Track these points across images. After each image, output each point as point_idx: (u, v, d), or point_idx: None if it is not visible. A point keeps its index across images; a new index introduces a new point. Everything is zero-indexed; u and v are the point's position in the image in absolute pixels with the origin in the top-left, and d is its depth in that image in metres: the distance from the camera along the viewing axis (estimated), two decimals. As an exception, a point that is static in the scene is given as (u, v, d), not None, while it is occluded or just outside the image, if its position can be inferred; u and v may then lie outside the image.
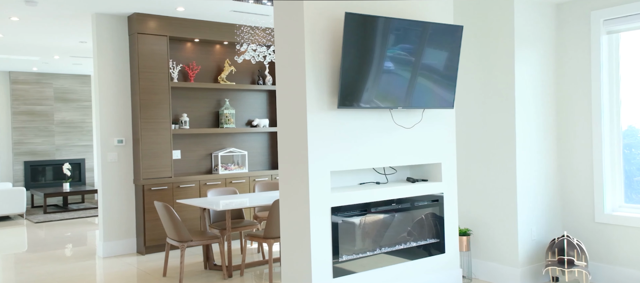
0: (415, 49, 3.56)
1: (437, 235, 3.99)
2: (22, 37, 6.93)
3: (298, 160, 3.41)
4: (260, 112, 6.91)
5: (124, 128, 5.87)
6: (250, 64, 6.78)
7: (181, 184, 5.96)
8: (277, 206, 4.45)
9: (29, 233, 7.38)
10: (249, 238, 4.64)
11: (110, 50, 5.79)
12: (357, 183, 3.87)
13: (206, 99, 6.47)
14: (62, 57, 8.50)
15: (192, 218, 6.04)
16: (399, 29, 3.45)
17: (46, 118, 10.35)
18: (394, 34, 3.45)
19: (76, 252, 6.07)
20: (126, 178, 5.88)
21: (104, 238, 5.74)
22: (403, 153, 3.79)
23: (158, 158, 5.83)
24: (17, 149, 10.05)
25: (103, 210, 5.75)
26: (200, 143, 6.42)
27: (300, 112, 3.38)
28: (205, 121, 6.47)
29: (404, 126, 3.78)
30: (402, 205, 3.80)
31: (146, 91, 5.76)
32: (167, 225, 4.55)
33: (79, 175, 10.66)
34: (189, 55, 6.33)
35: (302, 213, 3.39)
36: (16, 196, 8.54)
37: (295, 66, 3.40)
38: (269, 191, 5.77)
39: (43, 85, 10.35)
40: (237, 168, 6.48)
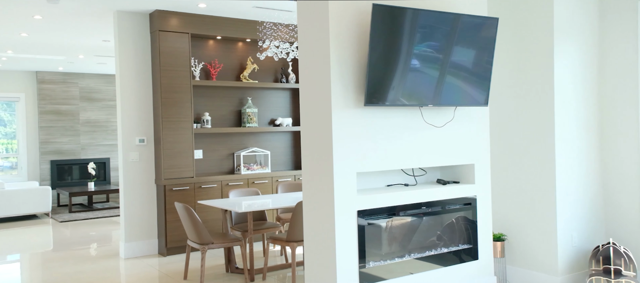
0: (446, 42, 3.34)
1: (470, 241, 3.76)
2: (47, 36, 6.94)
3: (322, 160, 3.23)
4: (284, 111, 6.76)
5: (145, 127, 5.79)
6: (273, 62, 6.63)
7: (203, 184, 5.85)
8: (300, 208, 4.28)
9: (54, 232, 7.39)
10: (272, 241, 4.48)
11: (132, 48, 5.71)
12: (384, 185, 3.67)
13: (228, 98, 6.35)
14: (87, 56, 8.51)
15: (214, 220, 5.92)
16: (430, 22, 3.24)
17: (72, 117, 10.42)
18: (425, 27, 3.23)
19: (99, 252, 6.02)
20: (148, 178, 5.80)
21: (126, 239, 5.66)
22: (433, 153, 3.57)
23: (179, 157, 5.73)
24: (44, 148, 10.15)
25: (124, 211, 5.68)
26: (222, 142, 6.31)
27: (324, 110, 3.20)
28: (227, 120, 6.35)
29: (434, 124, 3.56)
30: (432, 208, 3.58)
31: (168, 89, 5.66)
32: (188, 226, 4.42)
33: (104, 174, 10.71)
34: (210, 53, 6.22)
35: (327, 216, 3.21)
36: (42, 195, 8.59)
37: (319, 61, 3.22)
38: (292, 193, 5.61)
39: (69, 85, 10.42)
40: (260, 168, 6.34)
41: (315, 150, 3.30)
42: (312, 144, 3.32)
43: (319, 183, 3.27)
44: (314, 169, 3.30)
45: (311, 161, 3.33)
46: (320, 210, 3.27)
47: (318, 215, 3.29)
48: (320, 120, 3.24)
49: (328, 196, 3.19)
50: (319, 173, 3.26)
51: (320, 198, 3.26)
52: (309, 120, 3.35)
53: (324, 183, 3.22)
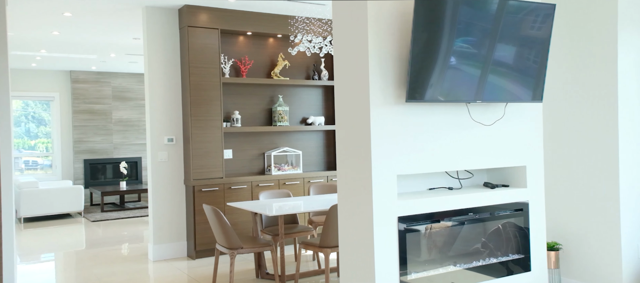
0: (496, 32, 3.02)
1: (521, 250, 3.42)
2: (78, 35, 6.89)
3: (359, 162, 2.96)
4: (316, 109, 6.51)
5: (174, 126, 5.64)
6: (304, 58, 6.39)
7: (232, 185, 5.66)
8: (334, 212, 4.02)
9: (87, 232, 7.36)
10: (304, 246, 4.24)
11: (161, 44, 5.57)
12: (426, 188, 3.37)
13: (259, 96, 6.15)
14: (118, 55, 8.47)
15: (244, 222, 5.72)
16: (479, 8, 2.93)
17: (105, 116, 10.46)
18: (473, 14, 2.92)
19: (128, 253, 5.91)
20: (176, 179, 5.64)
21: (154, 241, 5.52)
22: (481, 154, 3.25)
23: (209, 157, 5.55)
24: (78, 147, 10.21)
25: (153, 212, 5.54)
26: (253, 141, 6.11)
27: (362, 107, 2.93)
28: (257, 118, 6.14)
29: (482, 122, 3.24)
30: (479, 214, 3.26)
31: (197, 87, 5.49)
32: (217, 230, 4.22)
33: (136, 174, 10.71)
34: (241, 49, 6.03)
35: (365, 221, 2.94)
36: (75, 194, 8.61)
37: (356, 53, 2.95)
38: (324, 195, 5.36)
39: (102, 84, 10.46)
40: (291, 168, 6.11)
41: (351, 151, 3.03)
42: (349, 144, 3.05)
43: (355, 186, 3.00)
44: (350, 171, 3.04)
45: (347, 162, 3.07)
46: (357, 215, 3.00)
47: (355, 220, 3.02)
48: (358, 118, 2.97)
49: (366, 200, 2.92)
50: (355, 175, 3.00)
51: (357, 203, 3.00)
52: (345, 118, 3.08)
53: (361, 186, 2.95)
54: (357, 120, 2.97)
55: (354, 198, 3.02)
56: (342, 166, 3.12)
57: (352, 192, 3.03)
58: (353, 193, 3.02)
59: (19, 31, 6.61)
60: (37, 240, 6.91)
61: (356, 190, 3.00)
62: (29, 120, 10.45)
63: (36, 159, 10.36)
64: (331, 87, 6.61)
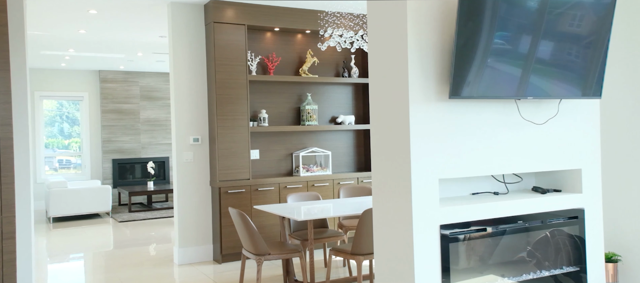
0: (552, 20, 2.71)
1: (575, 262, 3.09)
2: (104, 33, 6.81)
3: (397, 164, 2.69)
4: (345, 107, 6.26)
5: (200, 126, 5.47)
6: (334, 55, 6.15)
7: (260, 187, 5.45)
8: (367, 218, 3.76)
9: (114, 233, 7.29)
10: (334, 253, 3.99)
11: (186, 41, 5.41)
12: (469, 193, 3.09)
13: (286, 94, 5.93)
14: (145, 54, 8.40)
15: (271, 225, 5.51)
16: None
17: (133, 116, 10.44)
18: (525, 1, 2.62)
19: (154, 256, 5.78)
20: (202, 180, 5.48)
21: (180, 244, 5.37)
22: (531, 155, 2.94)
23: (235, 158, 5.36)
24: (106, 147, 10.22)
25: (178, 214, 5.38)
26: (280, 141, 5.89)
27: (400, 104, 2.66)
28: (285, 117, 5.93)
29: (534, 121, 2.93)
30: (530, 222, 2.96)
31: (223, 85, 5.31)
32: (243, 235, 4.02)
33: (163, 173, 10.67)
34: (268, 46, 5.82)
35: (403, 229, 2.68)
36: (103, 194, 8.58)
37: (394, 45, 2.69)
38: (355, 197, 5.10)
39: (130, 83, 10.44)
40: (320, 169, 5.87)
41: (388, 152, 2.77)
42: (385, 145, 2.79)
43: (392, 190, 2.74)
44: (387, 174, 2.78)
45: (383, 164, 2.81)
46: (395, 221, 2.74)
47: (392, 227, 2.76)
48: (395, 117, 2.70)
49: (404, 206, 2.66)
50: (392, 179, 2.73)
51: (394, 209, 2.73)
52: (380, 117, 2.82)
53: (399, 191, 2.69)
54: (395, 119, 2.71)
55: (390, 203, 2.76)
56: (377, 169, 2.86)
57: (389, 197, 2.77)
58: (390, 198, 2.76)
59: (46, 30, 6.57)
60: (65, 240, 6.87)
61: (393, 195, 2.74)
62: (63, 120, 10.53)
63: (70, 158, 10.43)
64: (362, 85, 6.34)
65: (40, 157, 9.97)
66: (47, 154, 10.29)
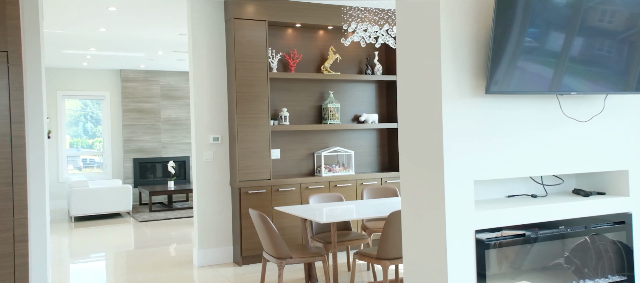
0: (599, 7, 2.49)
1: (621, 270, 2.87)
2: (124, 31, 6.76)
3: (429, 165, 2.51)
4: (368, 106, 6.08)
5: (220, 125, 5.35)
6: (356, 51, 5.97)
7: (280, 187, 5.31)
8: (394, 221, 3.58)
9: (134, 233, 7.24)
10: (359, 257, 3.82)
11: (206, 38, 5.29)
12: (504, 196, 2.88)
13: (308, 92, 5.78)
14: (165, 52, 8.34)
15: (292, 226, 5.36)
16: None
17: (153, 115, 10.42)
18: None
19: (173, 257, 5.69)
20: (222, 180, 5.36)
21: (199, 245, 5.26)
22: (573, 155, 2.73)
23: (256, 157, 5.23)
24: (127, 146, 10.22)
25: (198, 215, 5.27)
26: (302, 141, 5.74)
27: (432, 100, 2.48)
28: (306, 116, 5.77)
29: (576, 118, 2.72)
30: (572, 228, 2.74)
31: (243, 82, 5.18)
32: (264, 237, 3.88)
33: (184, 173, 10.63)
34: (289, 42, 5.67)
35: (435, 235, 2.49)
36: (123, 194, 8.56)
37: (425, 37, 2.50)
38: (379, 199, 4.92)
39: (150, 83, 10.43)
40: (342, 169, 5.70)
41: (418, 152, 2.59)
42: (415, 144, 2.61)
43: (424, 193, 2.56)
44: (417, 175, 2.60)
45: (413, 165, 2.63)
46: (426, 226, 2.55)
47: (423, 232, 2.58)
48: (426, 114, 2.52)
49: (437, 210, 2.47)
50: (424, 180, 2.55)
51: (426, 212, 2.55)
52: (410, 114, 2.64)
53: (431, 194, 2.51)
54: (426, 116, 2.52)
55: (421, 207, 2.58)
56: (406, 170, 2.68)
57: (420, 199, 2.59)
58: (421, 201, 2.58)
59: (66, 28, 6.54)
60: (85, 239, 6.84)
61: (425, 197, 2.55)
62: (87, 119, 10.59)
63: (93, 157, 10.47)
64: (385, 83, 6.15)
65: (63, 156, 10.02)
66: (72, 154, 10.34)
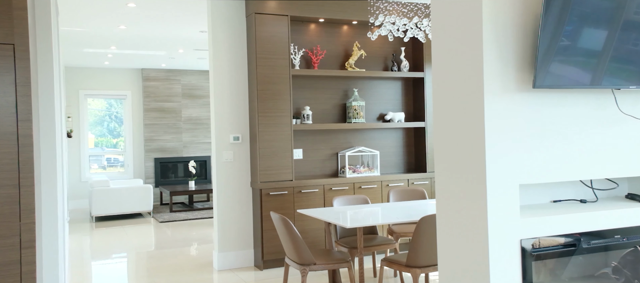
0: (663, -10, 2.22)
1: (682, 285, 2.57)
2: (144, 28, 6.65)
3: (468, 167, 2.27)
4: (394, 104, 5.83)
5: (240, 124, 5.18)
6: (382, 47, 5.73)
7: (303, 189, 5.11)
8: (425, 226, 3.34)
9: (155, 234, 7.13)
10: (387, 264, 3.59)
11: (227, 34, 5.12)
12: (548, 200, 2.62)
13: (331, 89, 5.56)
14: (186, 50, 8.23)
15: (315, 229, 5.16)
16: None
17: (175, 114, 10.35)
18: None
19: (193, 259, 5.54)
20: (243, 181, 5.18)
21: (219, 248, 5.09)
22: (631, 157, 2.45)
23: (277, 157, 5.03)
24: (148, 146, 10.16)
25: (218, 217, 5.11)
26: (325, 140, 5.53)
27: (472, 96, 2.24)
28: (330, 114, 5.56)
29: (636, 116, 2.44)
30: (628, 238, 2.46)
31: (264, 80, 4.99)
32: (286, 242, 3.68)
33: (205, 173, 10.53)
34: (312, 38, 5.47)
35: (476, 243, 2.25)
36: (144, 194, 8.48)
37: (464, 25, 2.26)
38: (407, 201, 4.68)
39: (171, 81, 10.35)
40: (367, 170, 5.47)
41: (456, 152, 2.35)
42: (452, 144, 2.37)
43: (462, 197, 2.32)
44: (455, 178, 2.36)
45: (450, 166, 2.39)
46: (465, 234, 2.32)
47: (461, 240, 2.34)
48: (466, 111, 2.28)
49: (478, 216, 2.23)
50: (462, 184, 2.31)
51: (464, 219, 2.31)
52: (446, 111, 2.41)
53: (471, 199, 2.27)
54: (466, 113, 2.29)
55: (459, 213, 2.34)
56: (442, 171, 2.45)
57: (458, 205, 2.35)
58: (458, 206, 2.34)
59: (86, 26, 6.46)
60: (105, 240, 6.76)
61: (463, 203, 2.31)
62: (111, 119, 10.58)
63: (118, 156, 10.46)
64: (412, 80, 5.90)
65: (85, 156, 10.02)
66: (96, 153, 10.34)
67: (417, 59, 5.76)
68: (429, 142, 5.64)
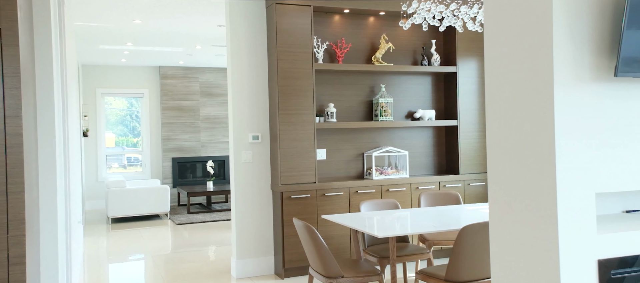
0: None
1: None
2: (160, 22, 6.38)
3: (533, 171, 1.90)
4: (424, 101, 5.45)
5: (260, 122, 4.86)
6: (411, 39, 5.34)
7: (327, 192, 4.76)
8: (467, 237, 2.97)
9: (172, 236, 6.86)
10: (424, 278, 3.22)
11: (245, 26, 4.80)
12: (620, 211, 2.23)
13: (357, 85, 5.20)
14: (204, 46, 7.96)
15: (340, 236, 4.81)
16: None
17: (192, 113, 10.10)
18: None
19: (211, 265, 5.24)
20: (262, 183, 4.86)
21: (237, 255, 4.77)
22: None
23: (299, 158, 4.70)
24: (166, 145, 9.93)
25: (236, 222, 4.79)
26: (349, 139, 5.18)
27: (538, 87, 1.86)
28: (355, 112, 5.20)
29: None
30: None
31: (286, 75, 4.66)
32: (311, 252, 3.33)
33: (223, 173, 10.26)
34: (336, 30, 5.12)
35: (542, 264, 1.88)
36: (161, 195, 8.23)
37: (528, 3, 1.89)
38: (439, 206, 4.29)
39: (189, 79, 10.11)
40: (395, 171, 5.10)
41: (516, 154, 1.97)
42: (511, 144, 2.00)
43: (525, 207, 1.94)
44: (514, 184, 1.99)
45: (508, 170, 2.02)
46: (528, 252, 1.94)
47: (523, 259, 1.97)
48: (529, 104, 1.91)
49: (545, 231, 1.86)
50: (524, 191, 1.94)
51: (527, 233, 1.94)
52: (504, 105, 2.03)
53: (536, 209, 1.89)
54: (529, 107, 1.91)
55: (520, 225, 1.97)
56: (498, 176, 2.07)
57: (518, 216, 1.97)
58: (519, 218, 1.97)
59: (101, 21, 6.22)
60: (121, 243, 6.51)
61: (526, 214, 1.94)
62: (132, 119, 10.40)
63: (138, 155, 10.27)
64: (444, 75, 5.50)
65: (102, 155, 9.83)
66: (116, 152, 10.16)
67: (449, 53, 5.37)
68: (462, 142, 5.23)
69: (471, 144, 5.26)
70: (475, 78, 5.27)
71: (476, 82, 5.27)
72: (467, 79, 5.24)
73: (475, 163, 5.27)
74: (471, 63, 5.24)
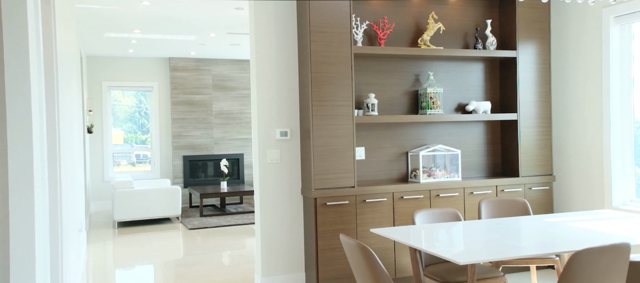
0: None
1: None
2: (170, 5, 5.68)
3: None
4: (476, 91, 4.70)
5: (289, 116, 4.15)
6: (463, 20, 4.60)
7: (367, 198, 4.04)
8: (578, 266, 2.23)
9: (182, 244, 6.17)
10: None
11: (272, 6, 4.08)
12: None
13: (400, 72, 4.47)
14: (218, 34, 7.25)
15: (381, 249, 4.09)
16: None
17: (205, 108, 9.42)
18: None
19: (229, 276, 4.53)
20: (292, 187, 4.15)
21: (263, 272, 4.07)
22: None
23: (335, 158, 3.98)
24: (176, 142, 9.26)
25: (261, 233, 4.09)
26: (391, 136, 4.45)
27: None
28: (398, 104, 4.47)
29: None
30: None
31: (319, 60, 3.94)
32: (363, 277, 2.61)
33: (238, 172, 9.57)
34: (377, 8, 4.38)
35: None
36: (171, 196, 7.55)
37: None
38: (506, 217, 3.56)
39: (202, 72, 9.42)
40: (444, 173, 4.37)
41: None
42: None
43: None
44: None
45: None
46: None
47: None
48: None
49: None
50: None
51: None
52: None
53: None
54: None
55: None
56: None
57: None
58: None
59: (105, 2, 5.53)
60: (127, 250, 5.83)
61: None
62: (141, 115, 9.75)
63: (147, 152, 9.62)
64: (499, 60, 4.75)
65: (108, 153, 9.18)
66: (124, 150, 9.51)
67: (506, 35, 4.62)
68: (523, 139, 4.49)
69: (532, 142, 4.51)
70: (536, 64, 4.51)
71: (537, 69, 4.52)
72: (528, 65, 4.49)
73: (537, 163, 4.52)
74: (531, 47, 4.49)
